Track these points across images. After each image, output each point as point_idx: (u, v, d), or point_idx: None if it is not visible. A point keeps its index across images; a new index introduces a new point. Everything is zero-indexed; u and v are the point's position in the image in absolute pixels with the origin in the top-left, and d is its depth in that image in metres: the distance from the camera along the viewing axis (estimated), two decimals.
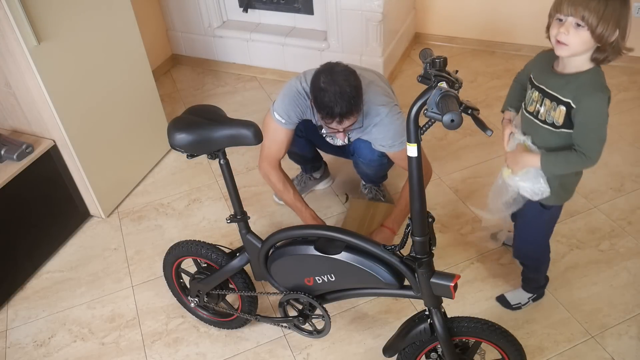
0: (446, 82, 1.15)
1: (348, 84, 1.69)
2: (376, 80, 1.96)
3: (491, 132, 1.14)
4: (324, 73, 1.71)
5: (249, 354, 1.92)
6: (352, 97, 1.69)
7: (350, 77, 1.71)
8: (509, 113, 1.68)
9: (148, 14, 3.30)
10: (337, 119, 1.72)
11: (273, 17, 3.28)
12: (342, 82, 1.68)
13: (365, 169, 2.19)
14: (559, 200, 1.64)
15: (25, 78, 2.02)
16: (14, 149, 2.09)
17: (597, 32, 1.31)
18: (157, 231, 2.43)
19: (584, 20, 1.31)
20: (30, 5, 1.88)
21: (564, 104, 1.41)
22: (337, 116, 1.71)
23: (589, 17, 1.30)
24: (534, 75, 1.53)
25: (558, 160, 1.47)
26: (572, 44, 1.35)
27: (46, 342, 2.02)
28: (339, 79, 1.69)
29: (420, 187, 1.28)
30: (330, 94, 1.67)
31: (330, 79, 1.68)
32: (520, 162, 1.56)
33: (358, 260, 1.49)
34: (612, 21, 1.30)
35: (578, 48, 1.36)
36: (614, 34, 1.32)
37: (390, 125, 1.89)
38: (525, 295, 1.95)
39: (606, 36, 1.32)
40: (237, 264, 1.73)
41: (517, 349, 1.51)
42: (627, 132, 2.70)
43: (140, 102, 2.58)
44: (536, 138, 1.54)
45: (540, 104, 1.49)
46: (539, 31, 1.57)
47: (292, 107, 1.91)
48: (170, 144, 1.52)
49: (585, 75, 1.40)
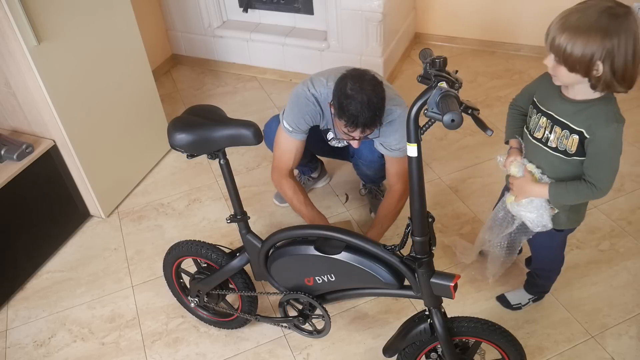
0: (446, 82, 1.15)
1: (375, 95, 1.64)
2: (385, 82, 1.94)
3: (491, 132, 1.13)
4: (352, 79, 1.65)
5: (249, 354, 1.92)
6: (378, 108, 1.65)
7: (378, 87, 1.66)
8: (515, 141, 1.60)
9: (148, 14, 3.30)
10: (360, 128, 1.68)
11: (273, 17, 3.28)
12: (370, 92, 1.62)
13: (366, 170, 2.19)
14: (571, 224, 1.60)
15: (25, 78, 2.02)
16: (14, 149, 2.09)
17: (570, 65, 1.25)
18: (157, 231, 2.43)
19: (558, 54, 1.27)
20: (30, 5, 1.88)
21: (577, 133, 1.36)
22: (361, 126, 1.67)
23: (560, 49, 1.25)
24: (539, 99, 1.47)
25: (568, 191, 1.43)
26: (559, 76, 1.32)
27: (46, 342, 2.02)
28: (367, 88, 1.63)
29: (420, 187, 1.28)
30: (357, 102, 1.62)
31: (359, 87, 1.63)
32: (528, 192, 1.51)
33: (358, 260, 1.49)
34: (587, 58, 1.22)
35: (566, 80, 1.32)
36: (597, 70, 1.24)
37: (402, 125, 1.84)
38: (526, 296, 1.94)
39: (586, 68, 1.24)
40: (237, 264, 1.73)
41: (517, 349, 1.51)
42: (627, 132, 2.66)
43: (140, 102, 2.58)
44: (545, 164, 1.49)
45: (550, 130, 1.42)
46: (539, 31, 1.56)
47: (302, 115, 1.87)
48: (171, 144, 1.52)
49: (597, 104, 1.34)
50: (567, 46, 1.24)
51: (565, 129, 1.39)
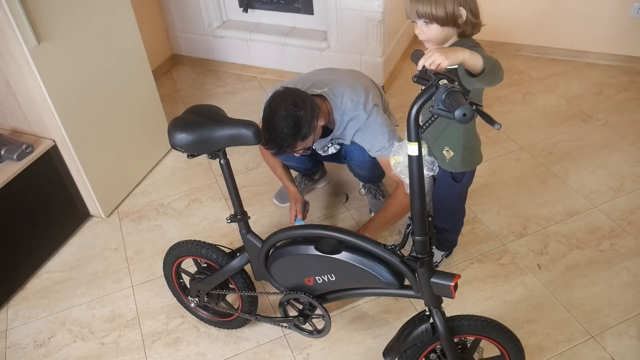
0: (447, 80, 1.16)
1: (286, 123, 1.72)
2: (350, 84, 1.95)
3: (499, 125, 1.16)
4: (272, 101, 1.77)
5: (249, 354, 1.92)
6: (287, 135, 1.74)
7: (292, 115, 1.72)
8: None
9: (148, 14, 3.30)
10: (273, 148, 1.79)
11: (273, 17, 3.28)
12: (279, 122, 1.72)
13: (360, 171, 2.18)
14: (467, 166, 1.73)
15: (25, 78, 2.02)
16: (14, 149, 2.09)
17: (444, 21, 1.46)
18: (157, 231, 2.43)
19: (427, 17, 1.47)
20: (30, 5, 1.88)
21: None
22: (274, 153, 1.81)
23: (427, 14, 1.46)
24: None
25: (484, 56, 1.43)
26: (431, 38, 1.51)
27: (46, 342, 2.02)
28: (281, 114, 1.72)
29: (420, 187, 1.28)
30: (268, 132, 1.75)
31: (274, 113, 1.74)
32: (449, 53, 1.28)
33: (358, 260, 1.49)
34: (449, 4, 1.45)
35: (439, 38, 1.51)
36: (459, 15, 1.47)
37: (373, 127, 1.91)
38: (439, 254, 2.10)
39: (452, 19, 1.47)
40: (237, 264, 1.73)
41: (516, 345, 1.52)
42: (627, 132, 2.70)
43: (140, 102, 2.58)
44: None
45: None
46: (539, 31, 1.57)
47: None
48: (171, 144, 1.52)
49: (457, 44, 1.53)
50: (432, 9, 1.46)
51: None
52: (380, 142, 1.91)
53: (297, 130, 1.74)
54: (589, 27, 3.14)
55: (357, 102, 1.91)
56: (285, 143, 1.76)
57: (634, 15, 2.98)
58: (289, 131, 1.73)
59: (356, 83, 1.97)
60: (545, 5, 3.13)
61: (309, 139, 1.81)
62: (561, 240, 2.20)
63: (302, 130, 1.75)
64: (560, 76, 3.16)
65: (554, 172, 2.51)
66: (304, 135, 1.76)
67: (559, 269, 2.08)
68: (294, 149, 1.81)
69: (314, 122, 1.78)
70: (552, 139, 2.71)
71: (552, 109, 2.90)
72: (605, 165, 2.51)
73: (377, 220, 2.03)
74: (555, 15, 3.16)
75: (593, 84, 3.07)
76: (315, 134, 1.82)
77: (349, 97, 1.91)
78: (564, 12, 3.13)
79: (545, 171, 2.52)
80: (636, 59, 3.12)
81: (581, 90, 3.03)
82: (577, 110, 2.89)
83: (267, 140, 1.77)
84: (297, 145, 1.80)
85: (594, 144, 2.65)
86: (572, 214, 2.30)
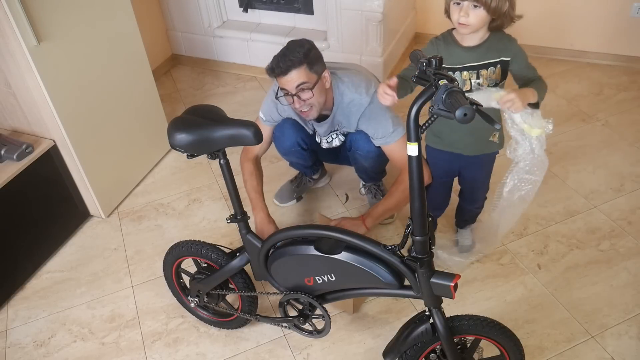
0: (446, 80, 1.16)
1: (300, 48, 1.80)
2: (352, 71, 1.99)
3: (499, 125, 1.17)
4: None
5: (249, 354, 1.92)
6: (299, 53, 1.78)
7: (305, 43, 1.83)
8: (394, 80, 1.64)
9: (148, 14, 3.30)
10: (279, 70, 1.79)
11: (273, 17, 3.28)
12: (293, 47, 1.81)
13: (363, 162, 2.16)
14: (502, 145, 1.83)
15: (25, 78, 2.02)
16: (14, 149, 2.09)
17: (491, 8, 1.52)
18: (157, 231, 2.43)
19: (479, 2, 1.51)
20: (30, 5, 1.88)
21: (498, 63, 1.64)
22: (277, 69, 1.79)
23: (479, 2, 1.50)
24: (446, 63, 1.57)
25: (541, 88, 1.60)
26: (472, 23, 1.55)
27: (46, 342, 2.02)
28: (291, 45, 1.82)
29: (420, 187, 1.28)
30: (279, 54, 1.81)
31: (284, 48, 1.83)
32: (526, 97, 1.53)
33: (358, 260, 1.49)
34: None
35: (478, 25, 1.56)
36: (504, 5, 1.54)
37: (377, 112, 1.91)
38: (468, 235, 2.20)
39: (499, 9, 1.53)
40: (237, 264, 1.73)
41: (516, 345, 1.52)
42: (627, 132, 2.70)
43: (140, 102, 2.58)
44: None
45: (477, 76, 1.65)
46: (539, 31, 1.59)
47: (272, 105, 2.02)
48: (171, 144, 1.52)
49: (491, 39, 1.64)
50: None
51: (490, 67, 1.65)
52: (384, 127, 1.92)
53: (307, 53, 1.80)
54: (589, 27, 3.14)
55: (357, 84, 1.93)
56: (295, 58, 1.78)
57: (634, 15, 2.98)
58: (300, 52, 1.79)
59: (357, 72, 2.00)
60: (546, 6, 3.13)
61: (314, 78, 1.82)
62: (561, 240, 2.20)
63: (311, 55, 1.81)
64: (560, 76, 3.16)
65: (554, 172, 2.51)
66: (312, 61, 1.80)
67: (559, 269, 2.08)
68: (299, 74, 1.79)
69: (322, 65, 1.85)
70: (552, 139, 2.71)
71: (552, 109, 2.90)
72: (605, 165, 2.51)
73: (380, 206, 2.03)
74: (555, 15, 3.16)
75: (593, 84, 3.07)
76: (321, 80, 1.85)
77: (349, 79, 1.94)
78: (564, 12, 3.13)
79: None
80: (636, 59, 3.12)
81: (581, 90, 3.03)
82: (577, 110, 2.89)
83: (278, 59, 1.79)
84: (302, 73, 1.79)
85: (594, 144, 2.65)
86: (572, 214, 2.30)
